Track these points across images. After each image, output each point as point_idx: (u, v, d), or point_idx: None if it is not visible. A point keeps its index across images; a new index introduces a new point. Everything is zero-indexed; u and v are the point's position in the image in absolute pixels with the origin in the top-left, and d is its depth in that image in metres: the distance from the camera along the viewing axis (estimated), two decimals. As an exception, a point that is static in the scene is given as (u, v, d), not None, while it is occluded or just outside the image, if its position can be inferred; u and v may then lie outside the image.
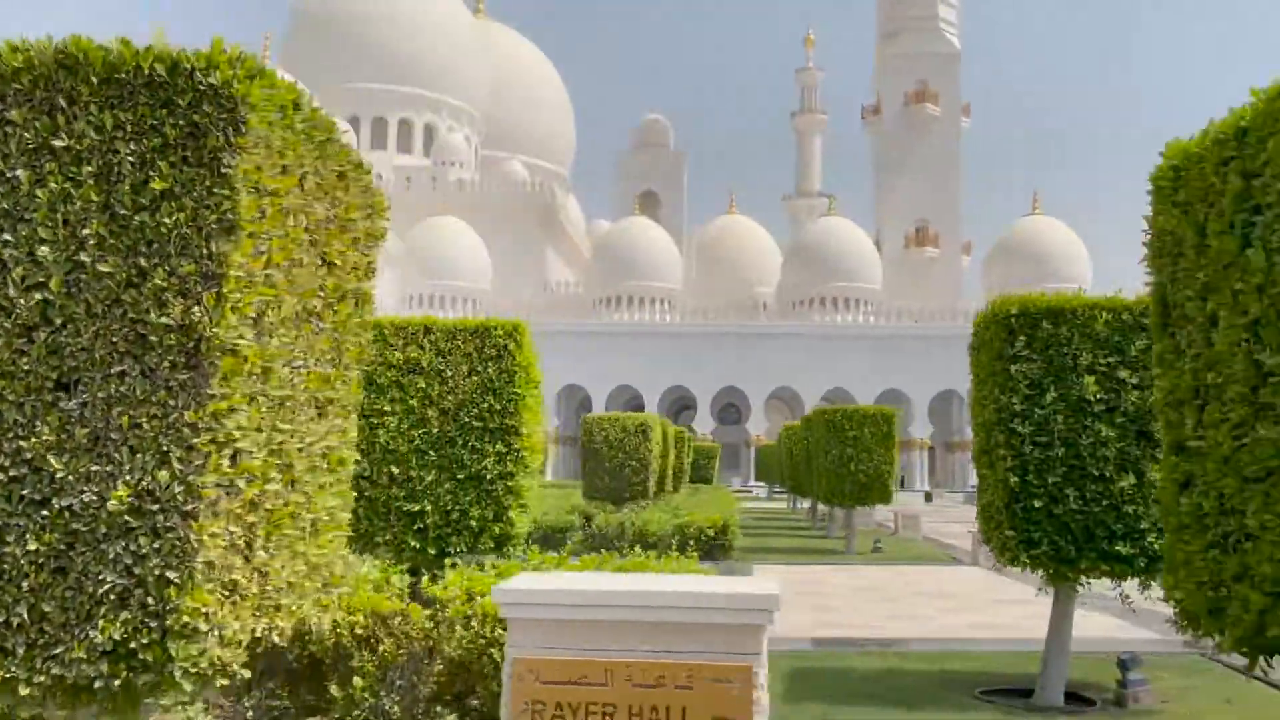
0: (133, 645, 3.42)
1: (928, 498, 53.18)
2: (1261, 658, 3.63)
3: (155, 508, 3.46)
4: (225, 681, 3.72)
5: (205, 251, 3.65)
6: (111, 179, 3.65)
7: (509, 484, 7.44)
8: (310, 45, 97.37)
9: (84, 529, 3.47)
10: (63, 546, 3.47)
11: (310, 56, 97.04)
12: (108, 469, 3.50)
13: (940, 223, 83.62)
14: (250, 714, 6.03)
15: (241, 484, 3.66)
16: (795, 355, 72.73)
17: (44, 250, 3.58)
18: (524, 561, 7.80)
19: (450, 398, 7.44)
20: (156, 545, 3.44)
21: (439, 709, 5.94)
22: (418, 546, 7.36)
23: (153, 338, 3.55)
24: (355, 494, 7.43)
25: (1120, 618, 10.57)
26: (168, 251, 3.62)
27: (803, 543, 21.11)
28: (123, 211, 3.63)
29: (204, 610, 3.49)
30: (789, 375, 72.92)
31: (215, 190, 3.69)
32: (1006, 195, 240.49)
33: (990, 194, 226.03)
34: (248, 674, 3.97)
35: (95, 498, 3.47)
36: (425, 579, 7.29)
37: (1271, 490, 3.29)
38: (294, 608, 4.15)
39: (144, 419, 3.51)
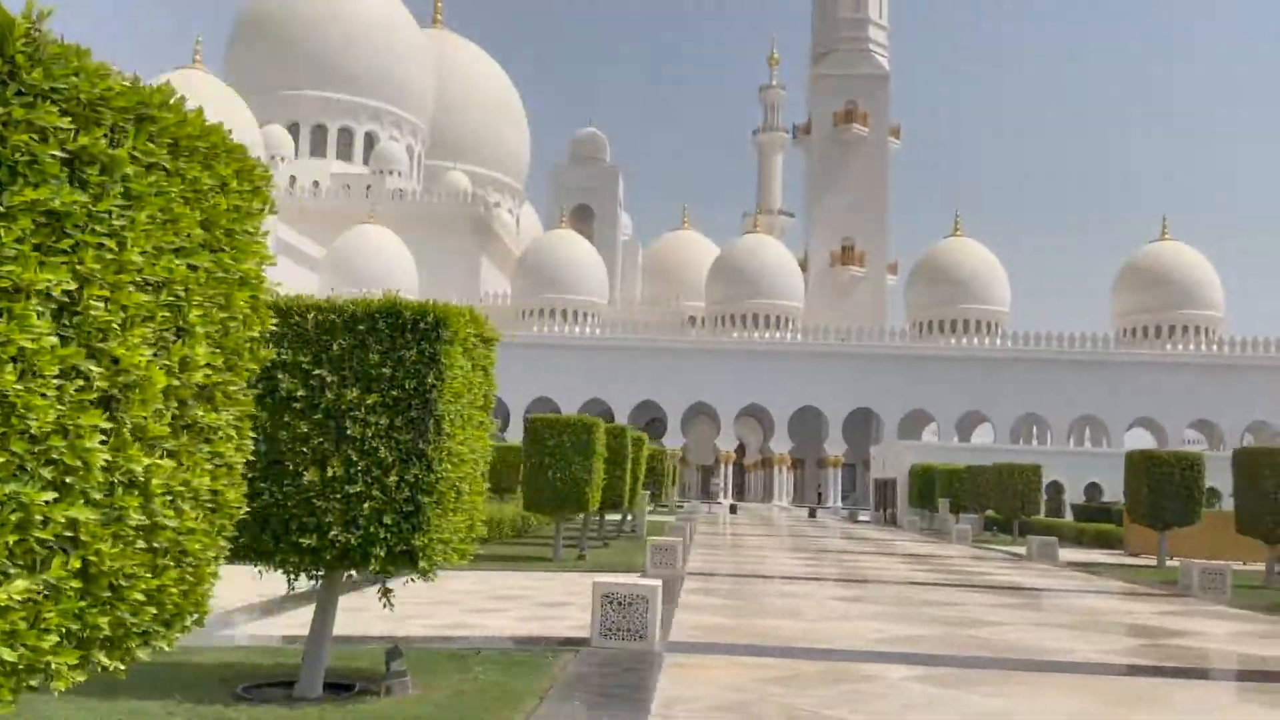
0: None
1: (811, 513, 53.27)
2: None
3: None
4: None
5: None
6: None
7: None
8: (252, 51, 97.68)
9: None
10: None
11: (252, 63, 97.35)
12: None
13: (866, 242, 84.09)
14: None
15: None
16: (714, 371, 72.94)
17: None
18: None
19: None
20: None
21: None
22: None
23: None
24: None
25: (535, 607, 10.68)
26: None
27: (527, 551, 21.19)
28: None
29: None
30: (707, 390, 73.12)
31: None
32: (938, 217, 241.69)
33: (922, 216, 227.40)
34: None
35: None
36: None
37: None
38: None
39: None
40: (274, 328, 6.92)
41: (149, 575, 3.43)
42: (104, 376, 3.14)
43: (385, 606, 7.84)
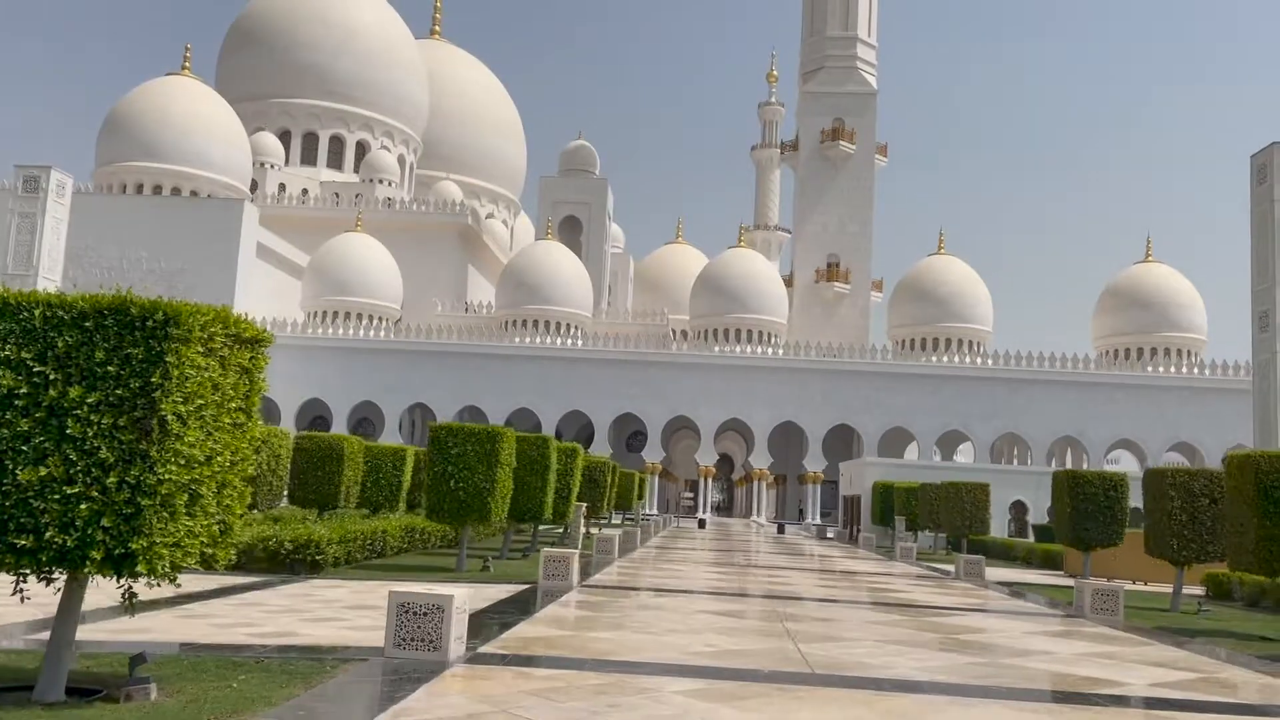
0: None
1: (780, 529, 53.00)
2: None
3: None
4: None
5: None
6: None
7: None
8: (245, 59, 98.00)
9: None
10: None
11: (245, 70, 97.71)
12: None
13: (852, 259, 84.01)
14: None
15: None
16: (695, 385, 72.78)
17: None
18: None
19: None
20: None
21: None
22: None
23: None
24: None
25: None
26: None
27: (439, 561, 21.04)
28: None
29: None
30: (688, 405, 72.93)
31: None
32: (926, 235, 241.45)
33: (910, 233, 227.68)
34: None
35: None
36: None
37: None
38: None
39: None
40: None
41: None
42: None
43: (128, 612, 7.72)
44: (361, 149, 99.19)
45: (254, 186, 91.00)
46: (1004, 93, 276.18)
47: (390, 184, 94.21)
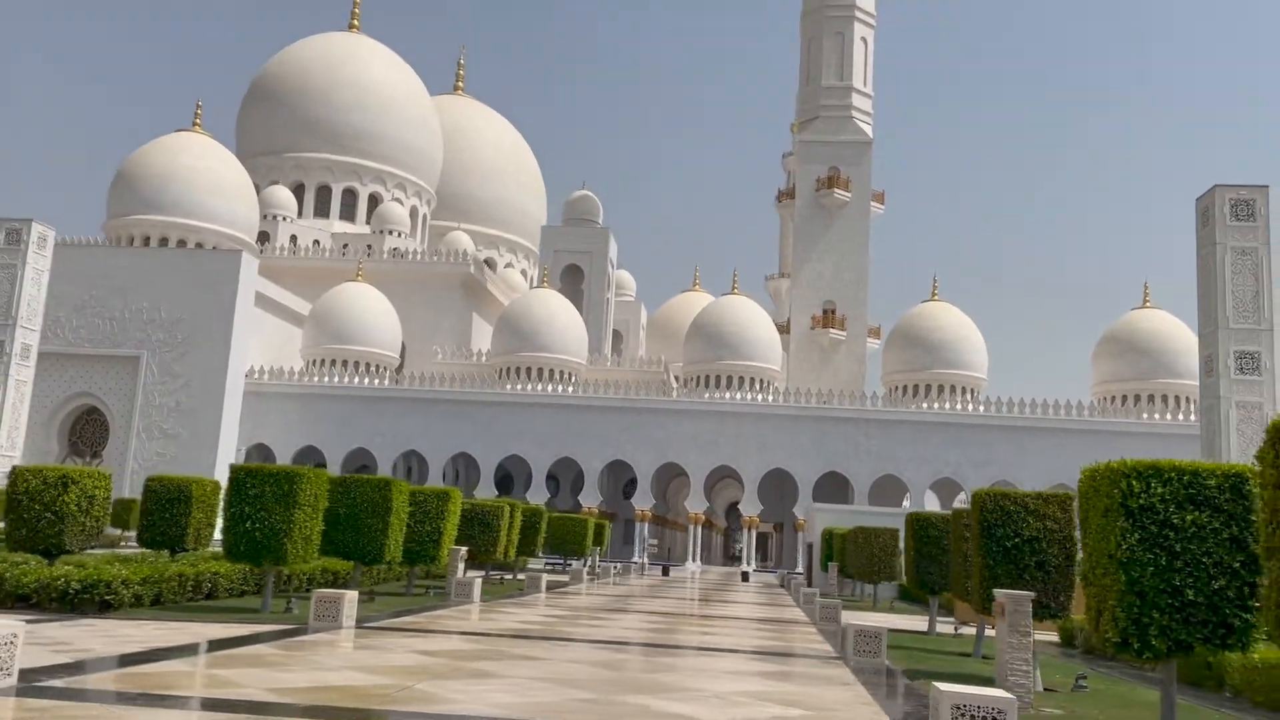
0: None
1: (745, 577, 52.41)
2: None
3: None
4: None
5: None
6: None
7: None
8: (261, 115, 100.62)
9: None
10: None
11: (261, 125, 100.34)
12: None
13: (848, 306, 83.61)
14: None
15: None
16: (684, 431, 72.54)
17: None
18: None
19: None
20: None
21: None
22: None
23: None
24: None
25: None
26: None
27: (247, 603, 21.11)
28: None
29: None
30: (677, 451, 72.69)
31: None
32: (925, 281, 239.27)
33: (909, 280, 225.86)
34: None
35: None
36: None
37: None
38: None
39: None
40: None
41: None
42: None
43: None
44: (374, 201, 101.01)
45: (265, 238, 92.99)
46: (1000, 139, 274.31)
47: (400, 234, 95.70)
